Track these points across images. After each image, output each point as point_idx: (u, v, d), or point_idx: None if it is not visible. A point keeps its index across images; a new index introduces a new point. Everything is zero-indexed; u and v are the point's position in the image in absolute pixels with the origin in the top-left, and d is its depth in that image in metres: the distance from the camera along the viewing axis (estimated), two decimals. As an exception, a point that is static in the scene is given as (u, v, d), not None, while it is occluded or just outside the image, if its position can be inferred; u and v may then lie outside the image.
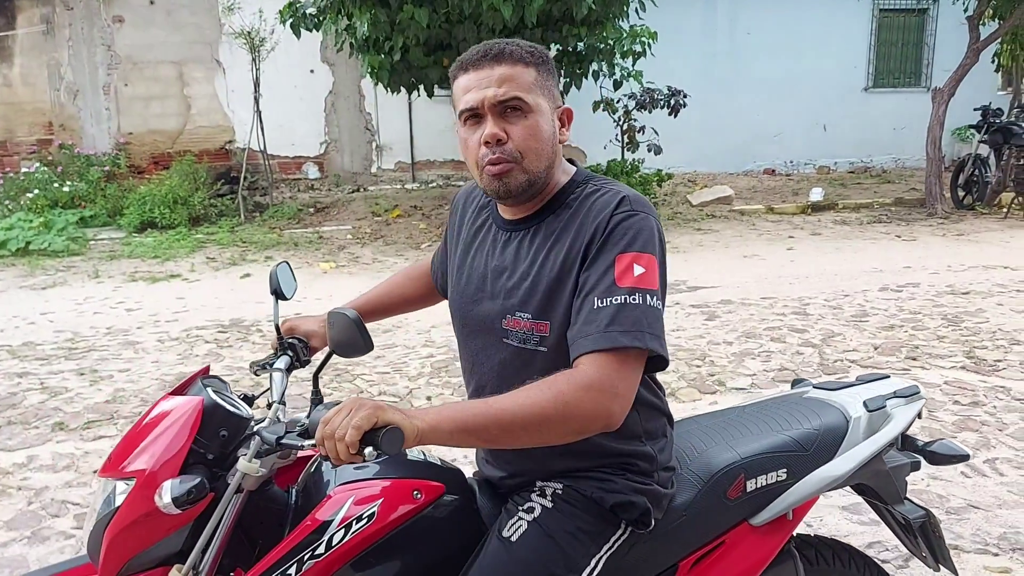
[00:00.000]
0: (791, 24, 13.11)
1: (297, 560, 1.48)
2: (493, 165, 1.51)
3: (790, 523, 1.80)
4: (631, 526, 1.60)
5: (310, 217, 10.66)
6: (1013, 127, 10.09)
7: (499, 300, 1.59)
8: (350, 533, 1.50)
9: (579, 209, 1.55)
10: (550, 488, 1.60)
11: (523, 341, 1.55)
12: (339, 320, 1.62)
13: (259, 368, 1.83)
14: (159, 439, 1.50)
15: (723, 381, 4.71)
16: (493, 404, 1.38)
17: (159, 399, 1.61)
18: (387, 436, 1.27)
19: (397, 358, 5.28)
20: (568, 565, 1.52)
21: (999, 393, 4.44)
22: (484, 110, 1.52)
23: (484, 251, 1.67)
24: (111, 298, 7.11)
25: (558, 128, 1.59)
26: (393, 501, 1.55)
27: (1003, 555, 2.94)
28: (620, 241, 1.47)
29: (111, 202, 10.39)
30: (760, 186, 12.47)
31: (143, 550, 1.49)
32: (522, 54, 1.53)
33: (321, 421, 1.31)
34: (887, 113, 13.65)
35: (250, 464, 1.47)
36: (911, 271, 7.37)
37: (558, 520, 1.55)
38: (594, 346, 1.41)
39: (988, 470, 3.58)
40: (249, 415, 1.61)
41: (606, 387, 1.39)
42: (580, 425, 1.40)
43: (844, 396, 1.96)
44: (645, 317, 1.43)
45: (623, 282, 1.44)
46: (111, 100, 12.02)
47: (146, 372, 5.12)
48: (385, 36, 8.48)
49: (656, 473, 1.63)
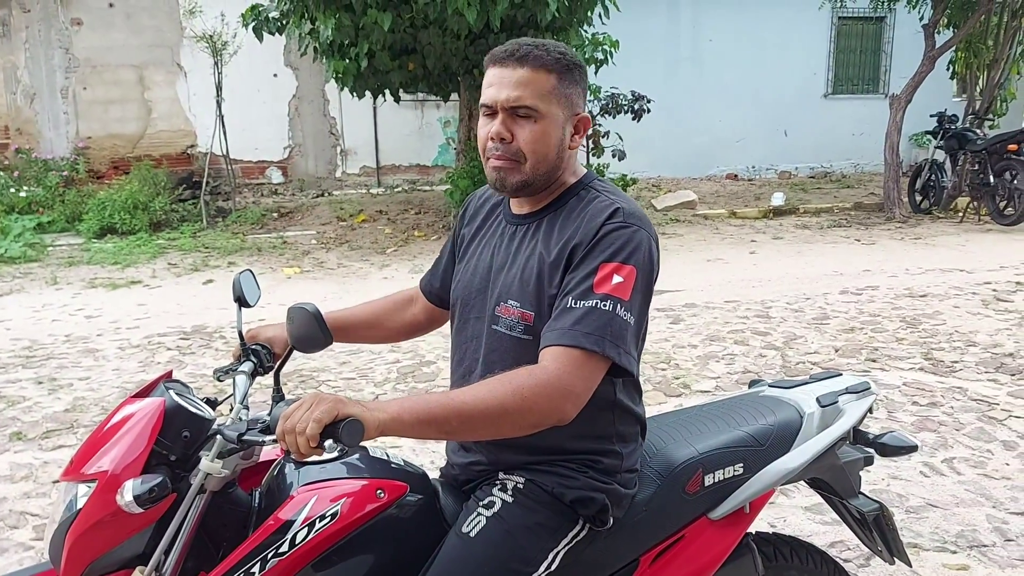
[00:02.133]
0: (752, 31, 13.27)
1: (261, 558, 1.49)
2: (494, 160, 1.60)
3: (747, 516, 1.85)
4: (589, 523, 1.63)
5: (274, 222, 10.58)
6: (968, 133, 10.30)
7: (497, 288, 1.65)
8: (313, 531, 1.51)
9: (576, 211, 1.62)
10: (511, 482, 1.63)
11: (510, 328, 1.61)
12: (298, 315, 1.64)
13: (223, 374, 1.83)
14: (121, 441, 1.51)
15: (688, 384, 4.76)
16: (455, 397, 1.43)
17: (121, 403, 1.61)
18: (347, 428, 1.29)
19: (363, 364, 5.25)
20: (525, 559, 1.55)
21: (956, 393, 4.53)
22: (497, 108, 1.59)
23: (492, 243, 1.74)
24: (70, 305, 6.99)
25: (570, 135, 1.64)
26: (356, 500, 1.56)
27: (961, 553, 3.00)
28: (607, 250, 1.52)
29: (70, 208, 10.21)
30: (723, 191, 12.61)
31: (105, 552, 1.49)
32: (546, 60, 1.58)
33: (282, 416, 1.33)
34: (846, 119, 13.87)
35: (212, 464, 1.48)
36: (870, 274, 7.50)
37: (516, 515, 1.58)
38: (557, 341, 1.47)
39: (946, 469, 3.65)
40: (212, 416, 1.62)
41: (563, 385, 1.44)
42: (536, 419, 1.45)
43: (798, 393, 2.02)
44: (611, 325, 1.48)
45: (599, 288, 1.50)
46: (69, 104, 11.83)
47: (106, 380, 5.04)
48: (350, 40, 8.44)
49: (619, 474, 1.66)
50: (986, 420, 4.16)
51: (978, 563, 2.93)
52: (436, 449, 3.76)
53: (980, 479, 3.55)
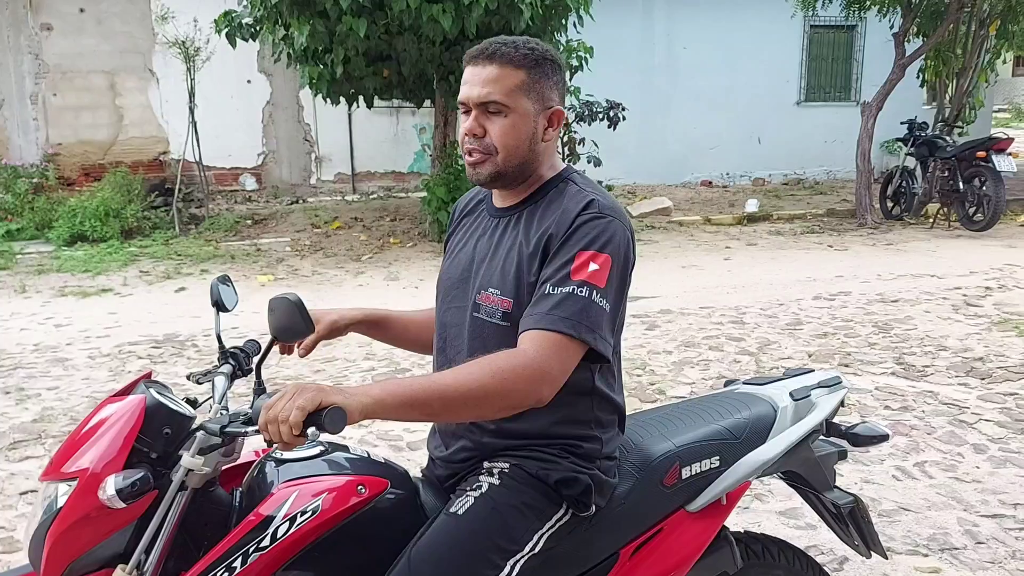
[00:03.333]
0: (726, 39, 13.38)
1: (242, 553, 1.49)
2: (470, 155, 1.67)
3: (724, 508, 1.88)
4: (572, 507, 1.66)
5: (247, 229, 10.49)
6: (938, 140, 10.43)
7: (479, 278, 1.70)
8: (294, 526, 1.52)
9: (554, 204, 1.67)
10: (497, 467, 1.66)
11: (490, 315, 1.66)
12: (280, 304, 1.65)
13: (200, 376, 1.83)
14: (101, 439, 1.50)
15: (663, 389, 4.77)
16: (436, 379, 1.46)
17: (102, 403, 1.60)
18: (330, 416, 1.30)
19: (337, 372, 5.22)
20: (512, 537, 1.58)
21: (927, 398, 4.58)
22: (470, 105, 1.66)
23: (476, 236, 1.79)
24: (39, 314, 6.89)
25: (542, 128, 1.69)
26: (338, 495, 1.57)
27: (932, 556, 3.03)
28: (583, 239, 1.58)
29: (39, 215, 10.05)
30: (697, 197, 12.69)
31: (86, 551, 1.48)
32: (514, 56, 1.64)
33: (264, 406, 1.34)
34: (819, 126, 14.01)
35: (194, 459, 1.48)
36: (843, 280, 7.57)
37: (504, 495, 1.61)
38: (535, 325, 1.53)
39: (918, 473, 3.68)
40: (192, 415, 1.62)
41: (540, 367, 1.49)
42: (516, 400, 1.49)
43: (771, 389, 2.07)
44: (587, 310, 1.53)
45: (576, 275, 1.55)
46: (39, 110, 11.68)
47: (76, 390, 4.97)
48: (324, 47, 8.41)
49: (600, 460, 1.70)
50: (957, 424, 4.20)
51: (950, 566, 2.96)
52: (416, 450, 3.74)
53: (951, 482, 3.59)
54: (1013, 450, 3.89)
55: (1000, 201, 9.40)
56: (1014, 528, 3.20)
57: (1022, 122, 26.47)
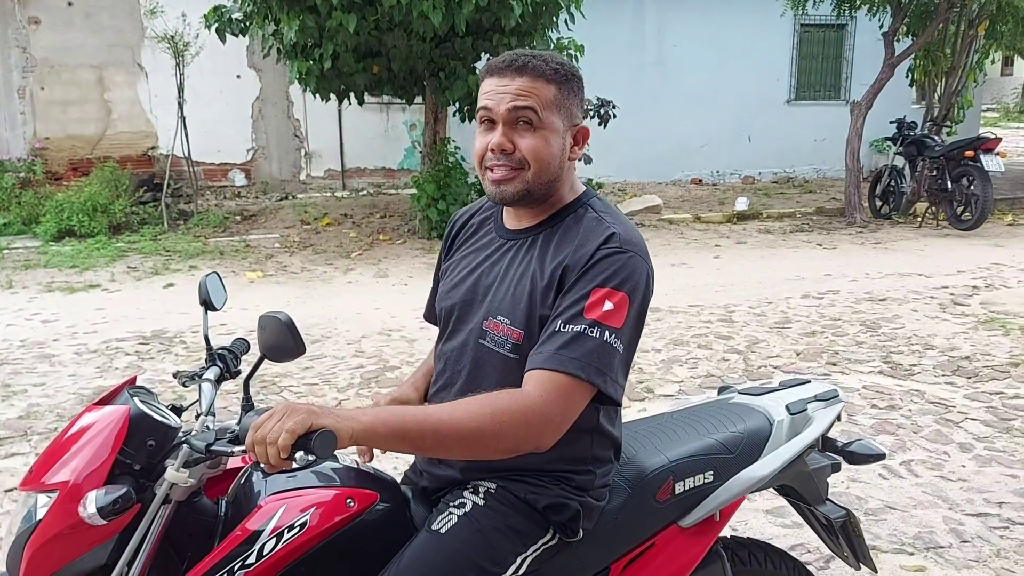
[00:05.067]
0: (717, 37, 13.40)
1: (227, 570, 1.46)
2: (494, 171, 1.57)
3: (717, 524, 1.85)
4: (559, 532, 1.61)
5: (236, 225, 10.45)
6: (926, 139, 10.47)
7: (486, 303, 1.62)
8: (282, 542, 1.49)
9: (572, 232, 1.58)
10: (483, 487, 1.61)
11: (498, 345, 1.58)
12: (270, 324, 1.63)
13: (187, 379, 1.80)
14: (83, 450, 1.47)
15: (652, 388, 4.78)
16: (431, 413, 1.40)
17: (83, 410, 1.57)
18: (320, 439, 1.26)
19: (326, 369, 5.20)
20: (494, 559, 1.54)
21: (914, 396, 4.60)
22: (497, 117, 1.55)
23: (481, 255, 1.70)
24: (26, 309, 6.84)
25: (569, 146, 1.61)
26: (326, 510, 1.54)
27: (918, 554, 3.04)
28: (600, 275, 1.49)
29: (26, 209, 9.99)
30: (688, 195, 12.71)
31: (66, 564, 1.45)
32: (545, 70, 1.56)
33: (252, 426, 1.30)
34: (808, 125, 14.05)
35: (178, 473, 1.45)
36: (831, 279, 7.60)
37: (488, 516, 1.57)
38: (542, 364, 1.44)
39: (904, 471, 3.70)
40: (178, 425, 1.59)
41: (544, 413, 1.41)
42: (512, 445, 1.42)
43: (767, 400, 2.03)
44: (598, 351, 1.45)
45: (589, 314, 1.47)
46: (26, 104, 11.60)
47: (62, 386, 4.93)
48: (314, 42, 8.37)
49: (592, 490, 1.65)
50: (943, 423, 4.22)
51: (935, 564, 2.97)
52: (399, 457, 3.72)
53: (937, 481, 3.61)
54: (999, 449, 3.92)
55: (988, 200, 9.45)
56: (999, 527, 3.22)
57: (1010, 122, 26.63)
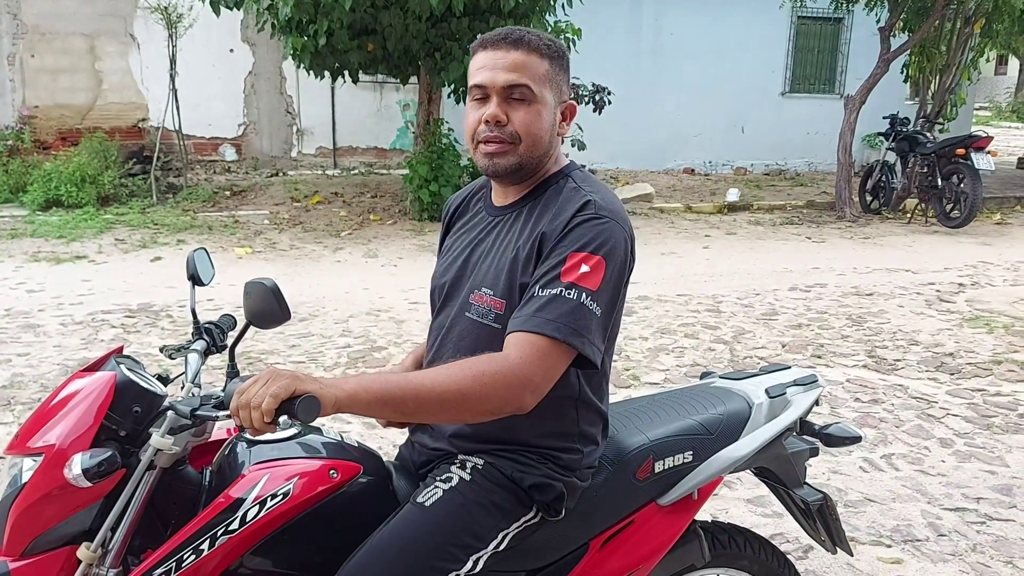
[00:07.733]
0: (713, 27, 13.37)
1: (210, 536, 1.48)
2: (487, 144, 1.59)
3: (695, 503, 1.88)
4: (543, 511, 1.64)
5: (226, 200, 10.39)
6: (918, 136, 10.50)
7: (473, 277, 1.66)
8: (264, 510, 1.51)
9: (550, 202, 1.62)
10: (471, 462, 1.63)
11: (482, 316, 1.61)
12: (256, 289, 1.64)
13: (173, 351, 1.81)
14: (69, 415, 1.48)
15: (637, 376, 4.80)
16: (413, 379, 1.41)
17: (70, 376, 1.58)
18: (303, 404, 1.27)
19: (313, 348, 5.20)
20: (475, 534, 1.56)
21: (897, 391, 4.63)
22: (491, 91, 1.57)
23: (471, 234, 1.74)
24: (11, 279, 6.80)
25: (558, 121, 1.66)
26: (309, 480, 1.56)
27: (896, 546, 3.08)
28: (576, 241, 1.52)
29: (14, 178, 9.91)
30: (680, 185, 12.71)
31: (50, 527, 1.46)
32: (539, 44, 1.60)
33: (237, 391, 1.32)
34: (802, 118, 14.06)
35: (163, 439, 1.46)
36: (819, 272, 7.63)
37: (474, 491, 1.59)
38: (520, 327, 1.47)
39: (884, 465, 3.73)
40: (164, 393, 1.60)
41: (523, 374, 1.43)
42: (494, 406, 1.44)
43: (747, 385, 2.06)
44: (574, 313, 1.47)
45: (566, 277, 1.49)
46: (16, 71, 11.46)
47: (47, 357, 4.92)
48: (309, 18, 8.30)
49: (579, 470, 1.68)
50: (925, 418, 4.26)
51: (912, 557, 3.01)
52: (385, 434, 3.74)
53: (917, 475, 3.65)
54: (978, 445, 3.96)
55: (977, 199, 9.50)
56: (976, 522, 3.26)
57: (1002, 120, 26.73)
